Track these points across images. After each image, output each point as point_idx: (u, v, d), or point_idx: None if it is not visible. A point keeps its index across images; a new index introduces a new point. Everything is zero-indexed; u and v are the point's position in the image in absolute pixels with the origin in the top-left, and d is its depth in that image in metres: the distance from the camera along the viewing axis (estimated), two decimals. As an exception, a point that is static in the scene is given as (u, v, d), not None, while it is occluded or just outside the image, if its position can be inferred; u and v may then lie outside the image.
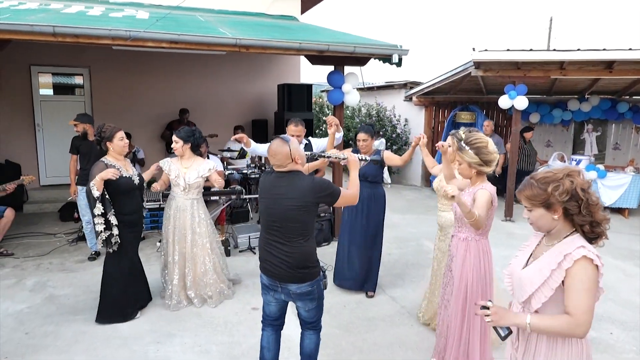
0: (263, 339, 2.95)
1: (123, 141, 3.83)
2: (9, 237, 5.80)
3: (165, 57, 8.09)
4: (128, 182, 3.79)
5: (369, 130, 4.39)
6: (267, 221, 2.71)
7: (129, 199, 3.82)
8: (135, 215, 3.90)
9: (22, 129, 7.80)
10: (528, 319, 1.77)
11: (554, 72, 7.01)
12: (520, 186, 1.88)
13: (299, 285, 2.66)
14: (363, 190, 4.36)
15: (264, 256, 2.75)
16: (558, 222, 1.81)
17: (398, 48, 5.49)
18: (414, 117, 10.67)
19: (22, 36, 4.33)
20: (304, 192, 2.59)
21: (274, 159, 2.64)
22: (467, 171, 2.89)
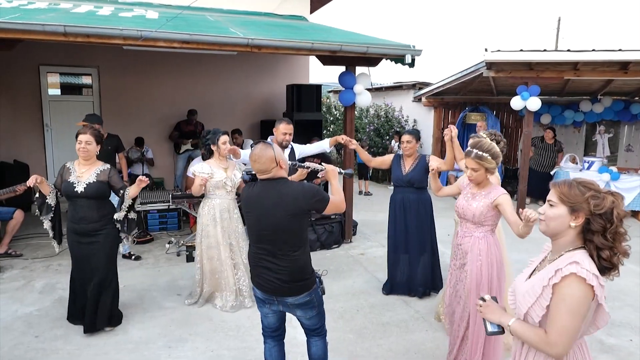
0: (266, 352, 2.84)
1: (81, 145, 3.54)
2: (17, 238, 5.77)
3: (174, 57, 8.05)
4: (67, 187, 3.55)
5: (413, 132, 4.41)
6: (257, 234, 2.55)
7: (70, 205, 3.62)
8: (76, 225, 3.58)
9: (30, 129, 7.77)
10: (510, 322, 1.77)
11: (567, 72, 6.91)
12: (560, 181, 1.76)
13: (296, 297, 2.53)
14: (409, 195, 4.37)
15: (255, 271, 2.61)
16: (570, 232, 1.68)
17: (411, 48, 5.42)
18: (422, 118, 10.59)
19: (33, 36, 4.29)
20: (296, 199, 2.45)
21: (257, 164, 2.48)
22: (482, 176, 2.96)
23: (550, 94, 9.40)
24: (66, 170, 3.65)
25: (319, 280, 2.67)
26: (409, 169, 4.36)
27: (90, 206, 3.60)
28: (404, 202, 4.38)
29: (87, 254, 3.63)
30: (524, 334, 1.71)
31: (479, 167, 2.90)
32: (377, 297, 4.48)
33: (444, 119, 10.28)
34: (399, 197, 4.43)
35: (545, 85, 7.59)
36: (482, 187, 3.00)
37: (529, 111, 7.21)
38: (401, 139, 4.42)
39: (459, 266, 3.11)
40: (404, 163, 4.42)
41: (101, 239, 3.64)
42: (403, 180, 4.37)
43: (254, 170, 2.56)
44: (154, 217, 6.49)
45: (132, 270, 5.04)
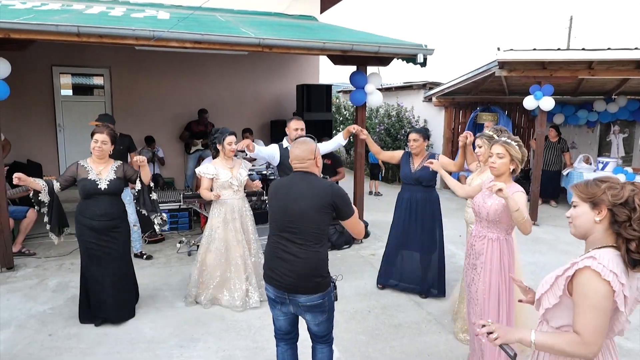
0: (278, 356, 2.80)
1: (97, 144, 3.68)
2: (30, 236, 5.82)
3: (185, 57, 8.09)
4: (89, 185, 3.66)
5: (420, 131, 4.39)
6: (281, 222, 2.54)
7: (91, 202, 3.68)
8: (96, 222, 3.66)
9: (43, 129, 7.86)
10: (533, 337, 1.66)
11: (582, 72, 6.81)
12: (579, 181, 1.80)
13: (309, 296, 2.48)
14: (417, 193, 4.37)
15: (271, 264, 2.57)
16: (598, 228, 1.67)
17: (423, 48, 5.38)
18: (433, 117, 10.52)
19: (46, 36, 4.33)
20: (324, 192, 2.48)
21: (297, 150, 2.55)
22: (505, 166, 2.86)
23: (564, 94, 9.29)
24: (81, 168, 3.71)
25: (334, 285, 2.62)
26: (417, 166, 4.35)
27: (111, 202, 3.76)
28: (411, 200, 4.38)
29: (106, 250, 3.75)
30: (553, 344, 1.63)
31: (504, 153, 2.83)
32: (389, 298, 4.45)
33: (454, 119, 10.21)
34: (406, 194, 4.42)
35: (559, 84, 7.50)
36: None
37: (542, 111, 7.13)
38: (408, 137, 4.41)
39: (472, 266, 3.07)
40: (413, 161, 4.41)
41: (119, 234, 3.82)
42: (411, 178, 4.36)
43: (291, 158, 2.59)
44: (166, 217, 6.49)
45: (144, 269, 5.05)
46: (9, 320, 3.86)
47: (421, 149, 4.37)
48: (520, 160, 2.84)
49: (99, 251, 3.73)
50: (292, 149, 2.59)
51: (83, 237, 3.72)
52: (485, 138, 3.62)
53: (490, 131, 3.67)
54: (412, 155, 4.42)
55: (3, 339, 3.56)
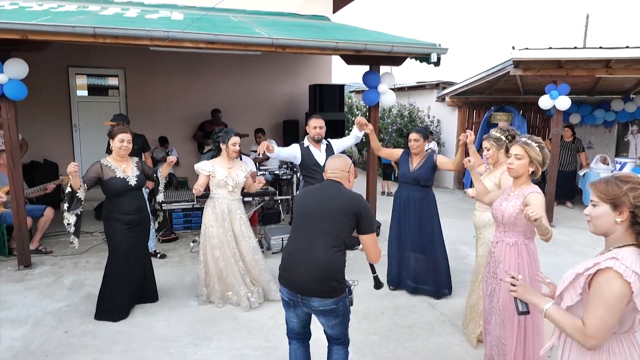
0: (291, 353, 2.82)
1: (122, 143, 3.83)
2: (47, 235, 5.91)
3: (198, 58, 8.14)
4: (121, 183, 3.82)
5: (421, 131, 4.39)
6: (304, 220, 2.58)
7: (125, 199, 3.85)
8: (133, 215, 3.89)
9: (59, 129, 7.97)
10: (546, 305, 1.78)
11: (599, 71, 6.70)
12: (597, 180, 1.77)
13: (322, 300, 2.47)
14: (415, 193, 4.36)
15: (288, 264, 2.58)
16: (618, 228, 1.68)
17: (437, 47, 5.34)
18: (446, 117, 10.45)
19: (63, 37, 4.38)
20: (352, 199, 2.56)
21: (334, 161, 2.70)
22: (524, 168, 2.69)
23: (580, 93, 9.15)
24: (105, 167, 3.82)
25: (349, 290, 2.62)
26: (416, 166, 4.35)
27: (140, 197, 4.02)
28: (408, 199, 4.37)
29: (136, 241, 3.99)
30: (560, 320, 1.72)
31: (523, 153, 2.66)
32: (402, 299, 4.42)
33: (468, 119, 10.12)
34: (404, 194, 4.43)
35: (575, 83, 7.38)
36: (518, 186, 2.76)
37: (558, 110, 7.02)
38: (409, 137, 4.40)
39: (493, 275, 2.93)
40: (411, 160, 4.41)
41: (147, 226, 4.13)
42: (409, 177, 4.36)
43: (326, 169, 2.71)
44: (179, 216, 6.56)
45: (157, 268, 5.07)
46: (27, 317, 3.92)
47: (421, 149, 4.37)
48: (540, 163, 2.68)
49: (129, 244, 3.92)
50: (328, 161, 2.74)
51: (116, 233, 3.86)
52: (492, 140, 3.55)
53: (498, 132, 3.59)
54: (411, 154, 4.43)
55: (20, 335, 3.62)
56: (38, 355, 3.36)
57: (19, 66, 4.60)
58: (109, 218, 3.86)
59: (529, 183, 2.75)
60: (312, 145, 4.73)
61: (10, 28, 4.19)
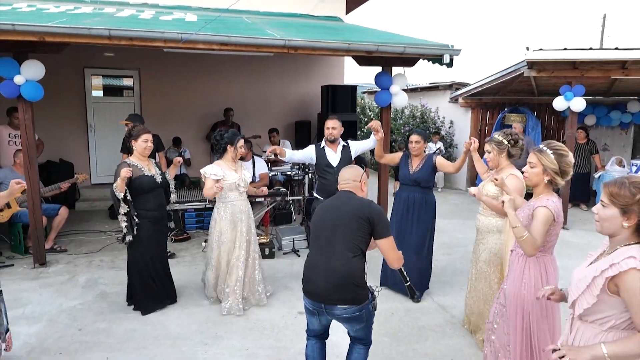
0: (308, 348, 2.89)
1: (147, 143, 3.96)
2: (62, 234, 6.00)
3: (212, 59, 8.20)
4: (150, 180, 3.96)
5: (422, 133, 4.40)
6: (319, 232, 2.64)
7: (151, 196, 3.99)
8: (158, 212, 4.05)
9: (75, 130, 8.10)
10: (604, 349, 1.66)
11: (614, 72, 6.61)
12: (611, 180, 1.76)
13: (346, 308, 2.50)
14: (415, 194, 4.36)
15: (309, 276, 2.63)
16: (625, 231, 1.71)
17: (450, 48, 5.31)
18: (459, 119, 10.39)
19: (79, 39, 4.45)
20: (362, 205, 2.59)
21: (346, 172, 2.77)
22: (537, 177, 2.53)
23: (595, 94, 9.02)
24: (134, 167, 3.90)
25: (372, 295, 2.65)
26: (416, 168, 4.36)
27: (162, 195, 4.16)
28: (408, 200, 4.37)
29: (160, 236, 4.16)
30: (625, 349, 1.64)
31: (536, 162, 2.53)
32: (412, 301, 4.40)
33: (481, 120, 10.05)
34: (404, 195, 4.43)
35: (590, 85, 7.29)
36: (537, 196, 2.60)
37: (573, 112, 6.94)
38: (409, 138, 4.41)
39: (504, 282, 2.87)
40: (411, 162, 4.42)
41: (167, 223, 4.27)
42: (409, 179, 4.37)
43: (339, 180, 2.77)
44: (191, 216, 6.61)
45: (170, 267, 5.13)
46: (41, 315, 3.99)
47: (421, 151, 4.39)
48: (556, 171, 2.48)
49: (154, 239, 4.07)
50: (341, 172, 2.80)
51: (146, 229, 3.95)
52: (494, 143, 3.47)
53: (500, 136, 3.51)
54: (410, 156, 4.44)
55: (35, 332, 3.68)
56: (52, 352, 3.41)
57: (36, 67, 4.69)
58: (138, 216, 3.91)
59: (549, 192, 2.58)
60: (328, 146, 4.74)
61: (27, 30, 4.27)
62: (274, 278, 4.84)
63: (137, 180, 3.87)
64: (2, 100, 5.22)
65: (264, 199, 5.98)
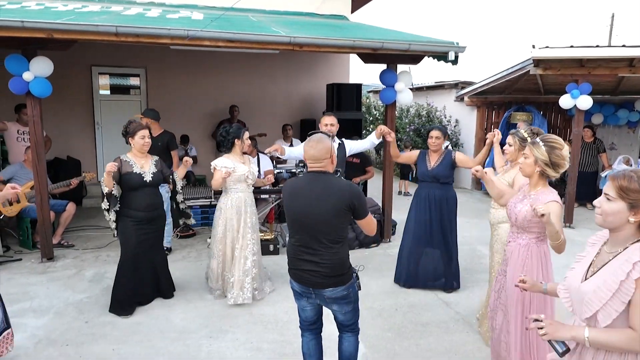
0: (303, 346, 2.86)
1: (144, 140, 3.92)
2: (69, 229, 6.07)
3: (218, 57, 8.24)
4: (137, 178, 3.85)
5: (442, 129, 4.45)
6: (298, 226, 2.55)
7: (138, 195, 3.87)
8: (143, 212, 3.89)
9: (83, 127, 8.17)
10: (586, 333, 1.63)
11: (622, 69, 6.57)
12: (617, 173, 1.69)
13: (334, 289, 2.53)
14: (434, 191, 4.38)
15: (294, 264, 2.61)
16: (630, 226, 1.63)
17: (455, 45, 5.31)
18: (465, 117, 10.36)
19: (87, 36, 4.50)
20: (342, 194, 2.46)
21: (312, 150, 2.49)
22: (530, 168, 2.63)
23: (603, 93, 8.97)
24: (125, 162, 3.87)
25: (356, 275, 2.67)
26: (434, 164, 4.37)
27: (155, 194, 4.03)
28: (428, 197, 4.38)
29: (149, 238, 4.00)
30: (609, 340, 1.59)
31: (529, 153, 2.63)
32: (416, 297, 4.41)
33: (487, 119, 10.01)
34: (423, 192, 4.44)
35: (597, 83, 7.25)
36: (534, 187, 2.71)
37: (579, 110, 6.91)
38: (429, 134, 4.43)
39: (502, 273, 2.91)
40: (429, 158, 4.43)
41: (160, 223, 4.13)
42: (428, 175, 4.38)
43: (305, 158, 2.55)
44: (197, 212, 6.64)
45: (176, 263, 5.19)
46: (49, 308, 4.04)
47: (440, 147, 4.40)
48: (546, 163, 2.56)
49: (141, 240, 3.94)
50: (307, 149, 2.53)
51: (127, 228, 3.88)
52: (517, 138, 3.48)
53: (526, 132, 3.52)
54: (428, 153, 4.46)
55: (43, 325, 3.73)
56: (59, 344, 3.46)
57: (45, 64, 4.74)
58: (121, 213, 3.89)
59: (545, 186, 2.67)
60: None
61: (36, 27, 4.32)
62: (278, 274, 4.86)
63: (124, 176, 3.83)
64: (10, 97, 5.29)
65: (268, 195, 6.01)
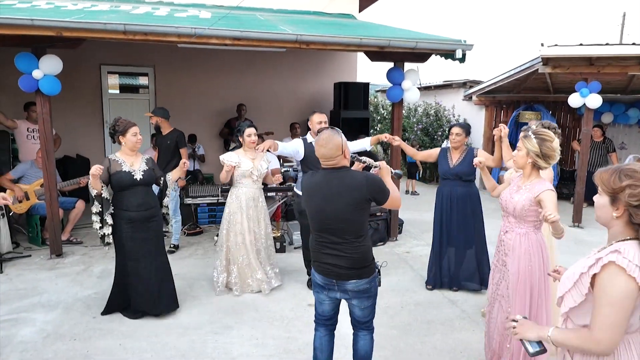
0: (316, 340, 2.86)
1: (136, 137, 3.73)
2: (78, 226, 6.12)
3: (225, 55, 8.28)
4: (127, 176, 3.65)
5: (464, 126, 4.42)
6: (320, 223, 2.57)
7: (130, 194, 3.69)
8: (135, 212, 3.68)
9: (92, 126, 8.24)
10: (549, 332, 1.65)
11: (632, 68, 6.50)
12: (605, 168, 1.66)
13: (357, 282, 2.55)
14: (458, 189, 4.35)
15: (319, 258, 2.63)
16: (617, 222, 1.59)
17: (462, 43, 5.29)
18: (473, 117, 10.30)
19: (95, 34, 4.54)
20: (360, 188, 2.47)
21: (323, 149, 2.48)
22: (522, 160, 2.77)
23: (613, 92, 8.88)
24: (113, 162, 3.69)
25: (378, 271, 2.69)
26: (456, 161, 4.33)
27: (147, 193, 3.82)
28: (451, 195, 4.34)
29: (144, 240, 3.76)
30: (567, 340, 1.61)
31: (521, 145, 2.77)
32: (422, 295, 4.40)
33: (495, 118, 9.96)
34: (446, 190, 4.39)
35: (607, 82, 7.17)
36: (528, 179, 2.81)
37: (589, 109, 6.85)
38: (451, 130, 4.38)
39: (502, 263, 2.95)
40: (451, 156, 4.38)
41: (155, 224, 3.85)
42: (450, 173, 4.34)
43: (319, 155, 2.54)
44: (204, 210, 6.69)
45: (183, 260, 5.22)
46: (57, 303, 4.08)
47: (461, 144, 4.35)
48: (537, 154, 2.68)
49: (136, 242, 3.74)
50: (318, 148, 2.52)
51: (120, 230, 3.71)
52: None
53: (537, 126, 3.51)
54: (449, 150, 4.41)
55: (51, 319, 3.77)
56: (67, 338, 3.49)
57: (54, 62, 4.79)
58: (114, 215, 3.72)
59: (538, 176, 2.80)
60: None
61: (45, 25, 4.37)
62: (284, 271, 4.87)
63: (114, 175, 3.64)
64: (19, 96, 5.36)
65: (275, 193, 6.02)
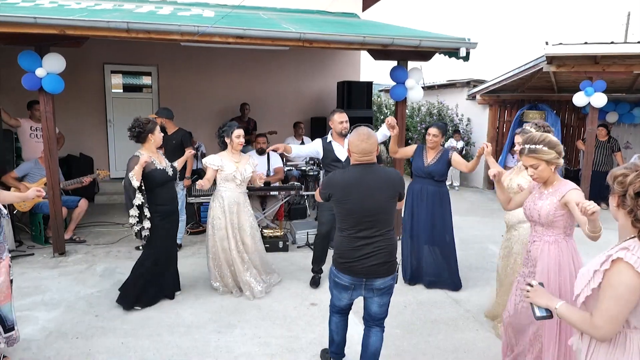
0: (331, 324, 3.02)
1: (161, 135, 4.03)
2: (81, 225, 6.13)
3: (228, 55, 8.28)
4: (162, 174, 3.92)
5: (441, 127, 4.43)
6: (358, 218, 2.63)
7: (163, 190, 3.95)
8: (169, 206, 4.01)
9: (95, 125, 8.25)
10: (557, 304, 1.81)
11: (637, 66, 6.46)
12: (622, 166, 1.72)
13: (385, 279, 2.66)
14: (429, 187, 4.39)
15: (354, 256, 2.64)
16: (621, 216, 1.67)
17: (466, 41, 5.25)
18: (477, 116, 10.28)
19: (99, 32, 4.54)
20: (395, 182, 2.70)
21: (364, 144, 2.63)
22: (546, 172, 2.59)
23: (618, 91, 8.83)
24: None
25: (397, 267, 2.78)
26: (430, 161, 4.36)
27: (173, 187, 4.16)
28: (422, 192, 4.38)
29: (172, 229, 4.12)
30: (570, 316, 1.74)
31: (537, 161, 2.59)
32: (425, 294, 4.38)
33: (499, 118, 9.92)
34: (417, 187, 4.44)
35: (612, 80, 7.14)
36: (549, 184, 2.66)
37: (594, 108, 6.80)
38: (428, 130, 4.42)
39: (528, 274, 2.80)
40: (426, 155, 4.42)
41: (177, 217, 4.24)
42: (424, 171, 4.37)
43: (357, 151, 2.65)
44: (206, 209, 6.65)
45: (186, 259, 5.21)
46: (60, 301, 4.08)
47: (437, 144, 4.39)
48: (556, 157, 2.57)
49: (170, 233, 4.07)
50: (358, 143, 2.64)
51: (155, 224, 3.86)
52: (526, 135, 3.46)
53: (532, 127, 3.46)
54: (425, 148, 4.44)
55: (54, 318, 3.77)
56: (70, 336, 3.49)
57: (57, 60, 4.79)
58: (150, 210, 3.84)
59: (559, 179, 2.66)
60: (336, 140, 4.65)
61: (49, 23, 4.37)
62: (287, 271, 4.87)
63: (150, 174, 3.81)
64: (23, 94, 5.36)
65: (278, 192, 6.01)
